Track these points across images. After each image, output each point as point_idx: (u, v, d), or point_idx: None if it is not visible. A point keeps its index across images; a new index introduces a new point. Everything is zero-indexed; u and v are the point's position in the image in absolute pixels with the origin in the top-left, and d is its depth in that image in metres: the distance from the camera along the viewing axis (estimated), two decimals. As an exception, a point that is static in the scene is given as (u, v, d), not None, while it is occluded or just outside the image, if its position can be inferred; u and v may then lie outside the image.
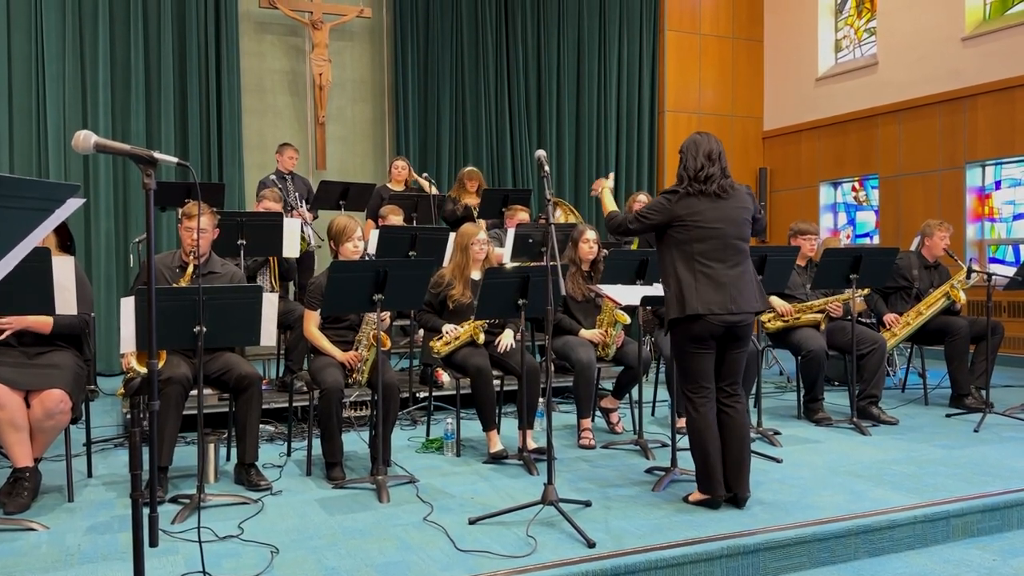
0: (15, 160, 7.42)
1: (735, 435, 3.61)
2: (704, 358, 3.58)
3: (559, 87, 9.70)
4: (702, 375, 3.59)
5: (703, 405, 3.58)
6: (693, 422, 3.60)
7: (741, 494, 3.57)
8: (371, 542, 3.18)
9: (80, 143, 2.21)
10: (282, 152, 7.11)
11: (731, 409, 3.64)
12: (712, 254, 3.52)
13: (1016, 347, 7.87)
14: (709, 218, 3.53)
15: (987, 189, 8.56)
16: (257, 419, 4.00)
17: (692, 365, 3.59)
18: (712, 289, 3.49)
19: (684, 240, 3.55)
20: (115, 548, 3.15)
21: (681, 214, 3.55)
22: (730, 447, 3.60)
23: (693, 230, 3.53)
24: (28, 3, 7.45)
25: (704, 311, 3.46)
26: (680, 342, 3.61)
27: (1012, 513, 3.68)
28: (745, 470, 3.59)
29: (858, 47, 9.92)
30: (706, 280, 3.50)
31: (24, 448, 3.57)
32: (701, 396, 3.59)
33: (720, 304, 3.48)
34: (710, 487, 3.56)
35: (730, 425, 3.62)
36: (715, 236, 3.53)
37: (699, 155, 3.59)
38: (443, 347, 4.49)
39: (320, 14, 8.57)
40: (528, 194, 7.30)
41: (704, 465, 3.57)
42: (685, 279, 3.52)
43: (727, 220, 3.55)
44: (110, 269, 7.71)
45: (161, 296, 3.40)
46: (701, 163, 3.57)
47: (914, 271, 5.94)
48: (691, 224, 3.53)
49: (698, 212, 3.53)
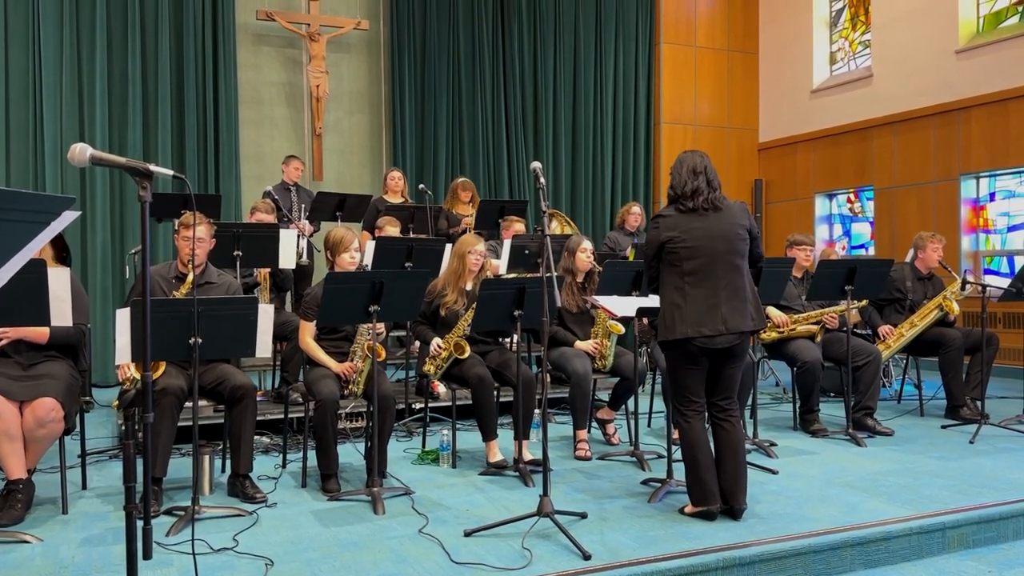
0: (11, 172, 7.43)
1: (730, 449, 3.61)
2: (695, 374, 3.60)
3: (556, 99, 9.74)
4: (691, 390, 3.62)
5: (694, 418, 3.61)
6: (685, 434, 3.62)
7: (737, 506, 3.57)
8: (366, 554, 3.18)
9: (76, 156, 2.22)
10: (288, 164, 7.13)
11: (726, 423, 3.65)
12: (703, 272, 3.51)
13: (1011, 358, 7.88)
14: (698, 235, 3.52)
15: (981, 201, 8.59)
16: (252, 431, 4.00)
17: (683, 380, 3.62)
18: (704, 310, 3.48)
19: (675, 260, 3.55)
20: (109, 560, 3.14)
21: (670, 235, 3.55)
22: (725, 460, 3.60)
23: (682, 249, 3.52)
24: (26, 15, 7.47)
25: (694, 334, 3.47)
26: (672, 359, 3.64)
27: (1008, 525, 3.69)
28: (741, 483, 3.59)
29: (853, 60, 9.98)
30: (697, 301, 3.49)
31: (18, 460, 3.56)
32: (691, 410, 3.62)
33: (711, 326, 3.48)
34: (704, 498, 3.56)
35: (725, 439, 3.63)
36: (705, 253, 3.51)
37: (683, 171, 3.60)
38: (432, 368, 4.52)
39: (317, 26, 8.61)
40: (524, 205, 7.32)
41: (696, 477, 3.58)
42: (676, 301, 3.53)
43: (718, 236, 3.54)
44: (106, 280, 7.70)
45: (156, 307, 3.40)
46: (685, 179, 3.58)
47: (908, 283, 5.96)
48: (679, 244, 3.53)
49: (686, 230, 3.53)
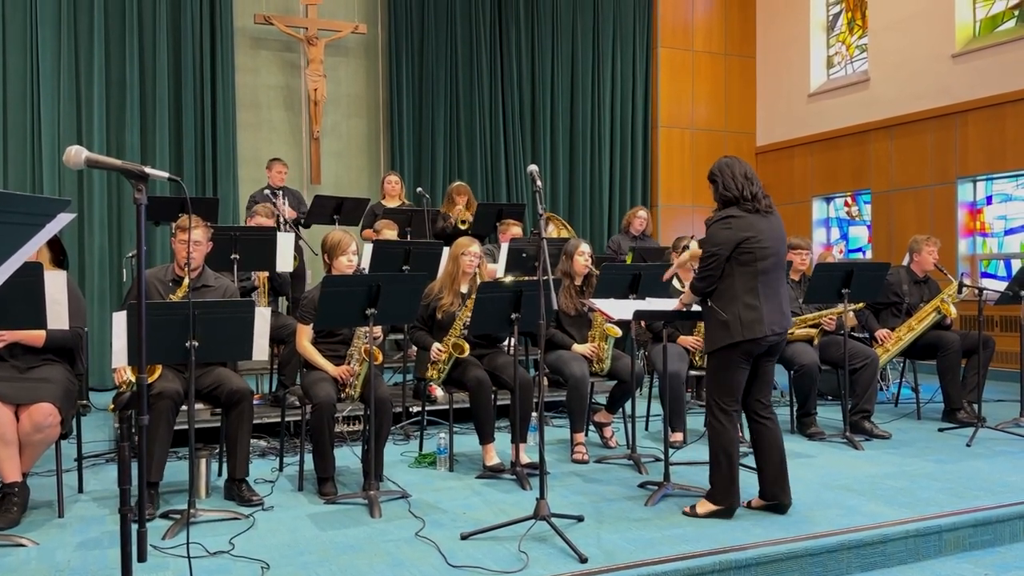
0: (9, 175, 7.42)
1: (775, 446, 3.68)
2: (744, 373, 3.64)
3: (553, 103, 9.75)
4: (739, 389, 3.65)
5: (736, 416, 3.65)
6: (725, 431, 3.61)
7: (785, 500, 3.65)
8: (363, 557, 3.17)
9: (72, 158, 2.22)
10: (271, 167, 7.13)
11: (768, 421, 3.73)
12: (773, 272, 3.59)
13: (1008, 361, 7.88)
14: (768, 236, 3.57)
15: (978, 204, 8.61)
16: (248, 434, 3.99)
17: (734, 380, 3.62)
18: (775, 308, 3.56)
19: (749, 261, 3.54)
20: (104, 564, 3.13)
21: (746, 235, 3.55)
22: (771, 458, 3.67)
23: (758, 249, 3.54)
24: (24, 19, 7.47)
25: (769, 332, 3.52)
26: (728, 359, 3.59)
27: (1004, 528, 3.69)
28: (786, 478, 3.67)
29: (850, 63, 10.00)
30: (770, 300, 3.55)
31: (14, 463, 3.56)
32: (734, 408, 3.65)
33: (779, 323, 3.57)
34: (729, 495, 3.60)
35: (769, 437, 3.70)
36: (774, 253, 3.59)
37: (737, 176, 3.62)
38: (435, 373, 4.51)
39: (315, 30, 8.61)
40: (522, 209, 7.33)
41: (730, 474, 3.61)
42: (752, 302, 3.53)
43: (778, 238, 3.64)
44: (103, 283, 7.69)
45: (153, 311, 3.40)
46: (742, 183, 3.62)
47: (904, 286, 5.97)
48: (755, 243, 3.54)
49: (759, 231, 3.56)
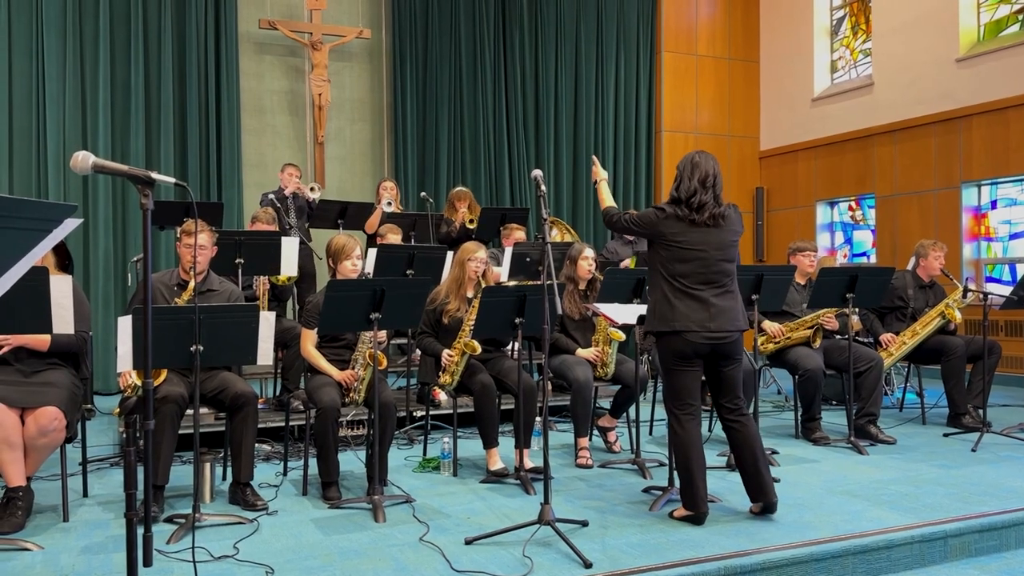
0: (15, 180, 7.45)
1: (747, 448, 3.62)
2: (688, 375, 3.58)
3: (557, 107, 9.75)
4: (687, 392, 3.59)
5: (688, 422, 3.59)
6: (677, 438, 3.61)
7: (768, 501, 3.60)
8: (367, 562, 3.17)
9: (79, 164, 2.23)
10: (284, 170, 7.16)
11: (737, 424, 3.66)
12: (695, 276, 3.52)
13: (1013, 366, 7.87)
14: (694, 241, 3.52)
15: (983, 208, 8.59)
16: (253, 438, 3.99)
17: (676, 381, 3.60)
18: (694, 308, 3.49)
19: (667, 259, 3.56)
20: (109, 568, 3.13)
21: (665, 233, 3.55)
22: (744, 460, 3.63)
23: (676, 251, 3.53)
24: (29, 24, 7.51)
25: (682, 328, 3.48)
26: (665, 358, 3.62)
27: (1010, 533, 3.67)
28: (765, 478, 3.61)
29: (854, 68, 9.99)
30: (687, 299, 3.51)
31: (18, 467, 3.56)
32: (686, 413, 3.60)
33: (699, 323, 3.48)
34: (693, 503, 3.56)
35: (739, 440, 3.64)
36: (698, 259, 3.52)
37: (694, 179, 3.56)
38: (448, 378, 4.50)
39: (319, 35, 8.63)
40: (525, 213, 7.33)
41: (687, 481, 3.57)
42: (668, 294, 3.54)
43: (713, 245, 3.55)
44: (108, 288, 7.71)
45: (158, 315, 3.40)
46: (694, 188, 3.55)
47: (909, 291, 5.96)
48: (674, 245, 3.53)
49: (682, 235, 3.53)
